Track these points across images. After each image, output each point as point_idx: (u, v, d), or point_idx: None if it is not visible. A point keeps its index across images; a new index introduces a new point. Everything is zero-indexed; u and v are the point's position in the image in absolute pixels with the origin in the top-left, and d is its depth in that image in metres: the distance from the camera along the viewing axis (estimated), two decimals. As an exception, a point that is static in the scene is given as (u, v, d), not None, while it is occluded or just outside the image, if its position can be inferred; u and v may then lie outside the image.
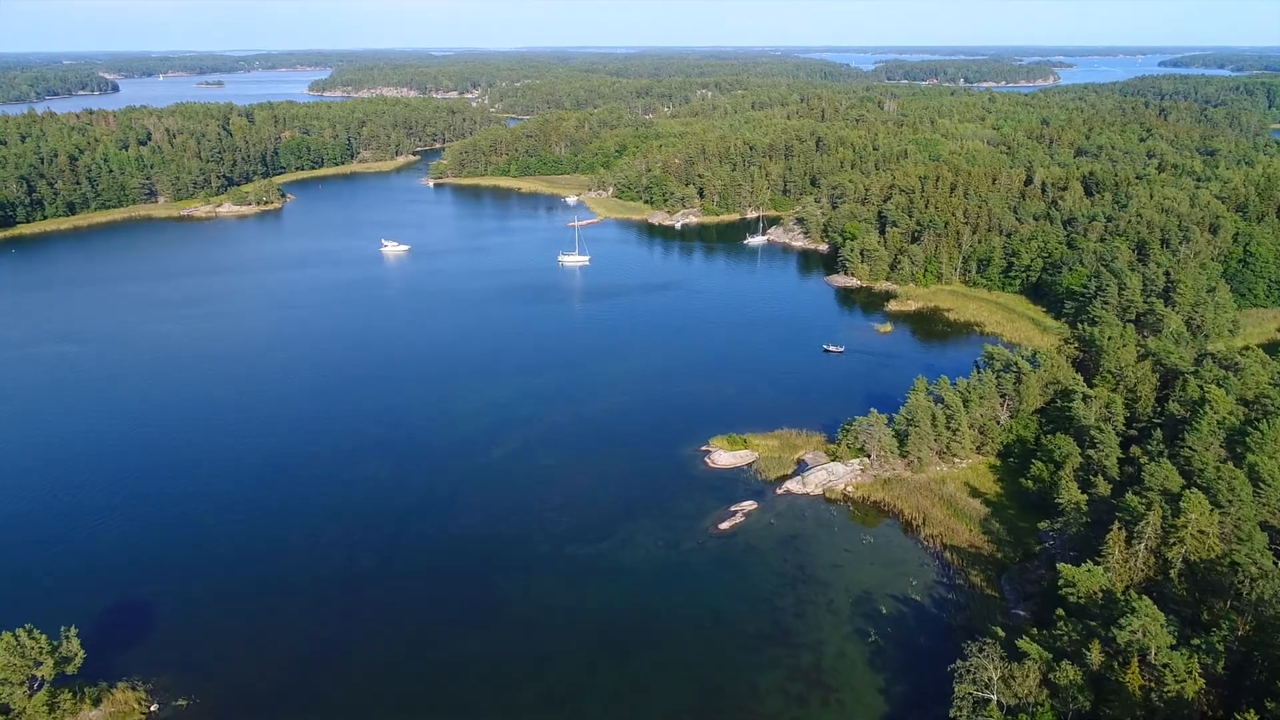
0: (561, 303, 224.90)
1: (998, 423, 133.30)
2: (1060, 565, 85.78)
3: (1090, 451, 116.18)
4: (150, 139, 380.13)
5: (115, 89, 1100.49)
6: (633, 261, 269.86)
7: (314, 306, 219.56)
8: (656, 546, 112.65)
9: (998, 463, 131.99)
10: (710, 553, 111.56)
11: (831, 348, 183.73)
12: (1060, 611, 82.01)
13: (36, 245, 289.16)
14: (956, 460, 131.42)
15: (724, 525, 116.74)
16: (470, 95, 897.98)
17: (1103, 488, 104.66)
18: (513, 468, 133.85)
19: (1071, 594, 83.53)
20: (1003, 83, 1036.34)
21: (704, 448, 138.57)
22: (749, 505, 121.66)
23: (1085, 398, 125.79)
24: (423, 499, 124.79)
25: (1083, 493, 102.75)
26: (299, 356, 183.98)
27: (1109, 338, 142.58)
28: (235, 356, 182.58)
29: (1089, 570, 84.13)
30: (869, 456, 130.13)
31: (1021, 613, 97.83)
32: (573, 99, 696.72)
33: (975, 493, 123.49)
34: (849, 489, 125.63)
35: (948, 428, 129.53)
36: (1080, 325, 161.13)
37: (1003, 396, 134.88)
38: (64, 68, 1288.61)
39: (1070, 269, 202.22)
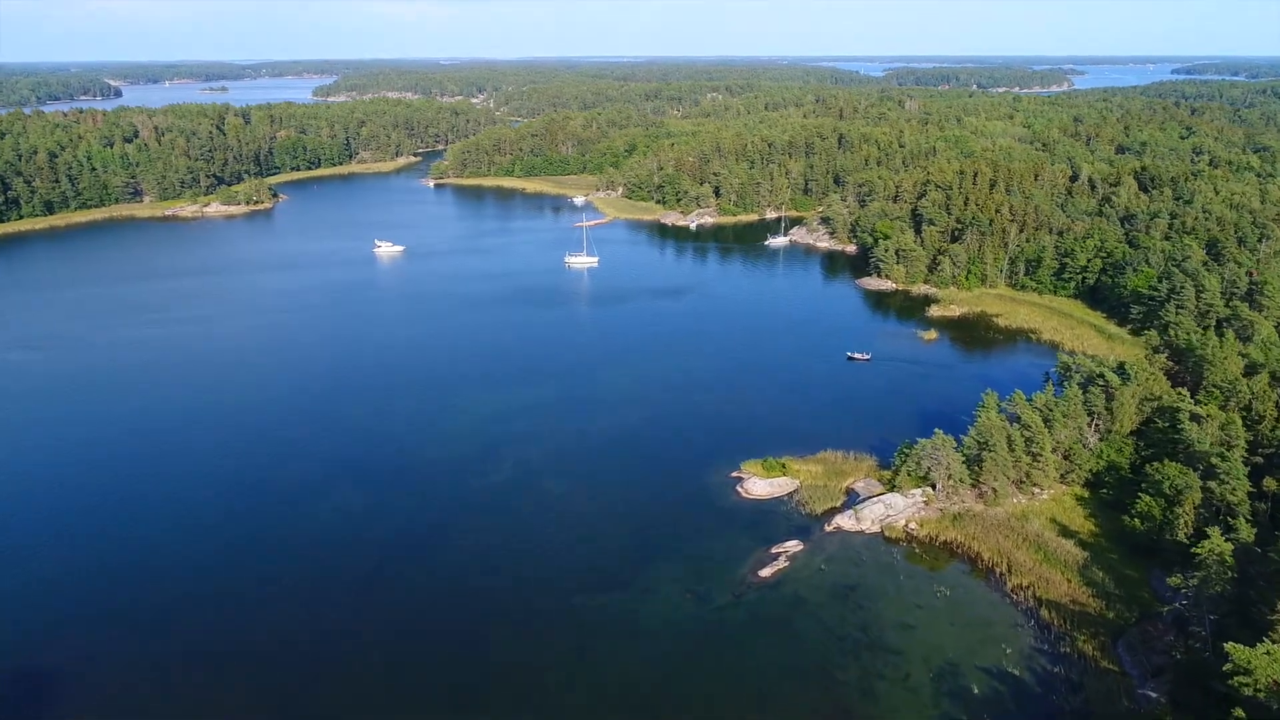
0: (568, 306, 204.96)
1: (1085, 447, 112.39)
2: (1230, 646, 64.84)
3: (1210, 484, 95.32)
4: (137, 136, 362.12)
5: (118, 94, 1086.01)
6: (645, 263, 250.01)
7: (295, 311, 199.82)
8: (684, 598, 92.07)
9: (1085, 494, 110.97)
10: (749, 607, 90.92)
11: (856, 355, 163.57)
12: (1240, 713, 61.06)
13: (9, 246, 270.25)
14: (1036, 491, 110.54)
15: (765, 571, 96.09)
16: (475, 100, 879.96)
17: (1245, 532, 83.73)
18: (511, 496, 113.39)
19: (1246, 685, 62.62)
20: (1017, 88, 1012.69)
21: (735, 474, 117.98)
22: (793, 545, 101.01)
23: (1196, 417, 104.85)
24: (403, 535, 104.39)
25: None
26: (271, 366, 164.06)
27: (1211, 346, 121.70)
28: (199, 366, 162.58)
29: (1268, 652, 63.25)
30: (933, 486, 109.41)
31: (1152, 693, 76.98)
32: (580, 102, 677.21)
33: (1065, 531, 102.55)
34: (912, 526, 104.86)
35: (1028, 452, 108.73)
36: (1171, 332, 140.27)
37: (1090, 415, 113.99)
38: (68, 74, 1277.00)
39: (1135, 270, 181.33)
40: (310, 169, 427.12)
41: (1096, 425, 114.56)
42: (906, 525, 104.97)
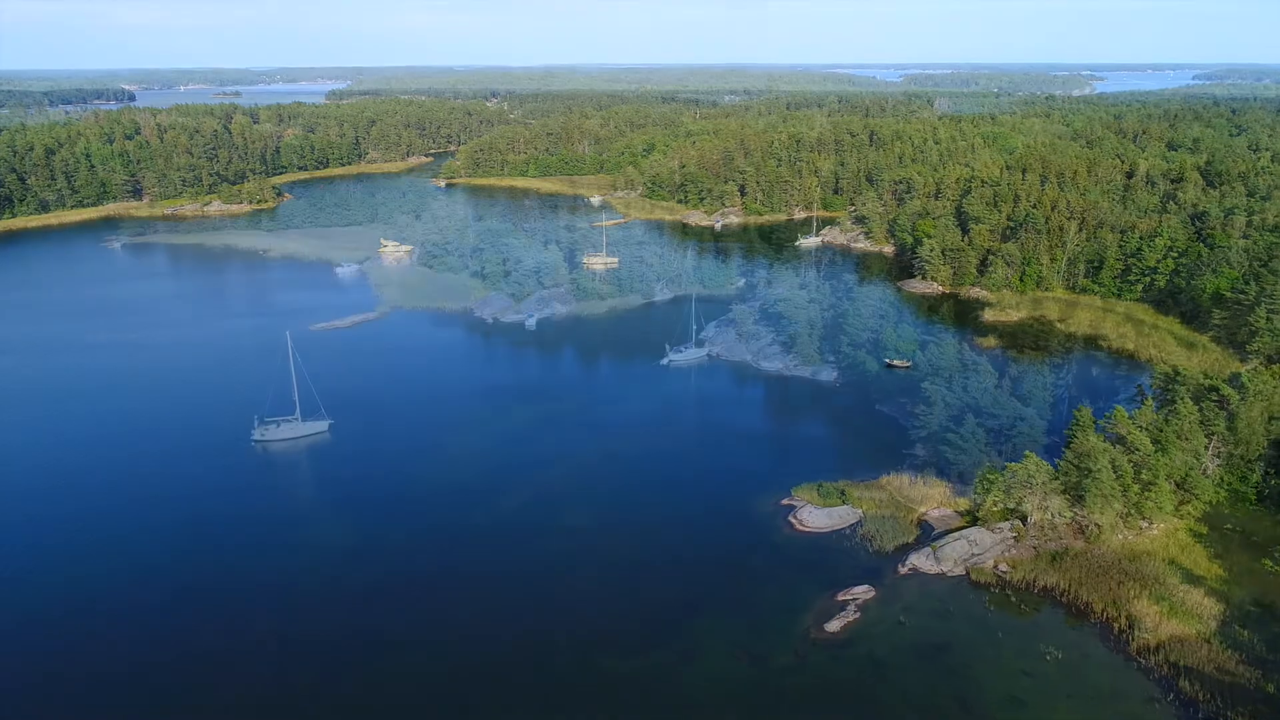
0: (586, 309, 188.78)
1: (1204, 474, 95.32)
2: None
3: (1376, 522, 78.20)
4: (139, 133, 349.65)
5: (132, 99, 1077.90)
6: (666, 265, 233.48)
7: (286, 313, 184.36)
8: (735, 659, 75.67)
9: (1204, 530, 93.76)
10: (816, 671, 74.33)
11: (895, 362, 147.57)
12: None
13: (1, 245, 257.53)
14: (1145, 525, 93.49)
15: (832, 625, 79.47)
16: (489, 103, 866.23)
17: None
18: (526, 530, 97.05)
19: None
20: (1039, 94, 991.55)
21: (785, 501, 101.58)
22: (863, 591, 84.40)
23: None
24: (393, 579, 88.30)
25: None
26: (253, 370, 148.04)
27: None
28: (169, 372, 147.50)
29: None
30: (1023, 519, 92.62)
31: (1348, 801, 59.86)
32: (595, 104, 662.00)
33: (1189, 576, 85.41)
34: (1002, 567, 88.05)
35: (1136, 480, 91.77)
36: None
37: (1209, 436, 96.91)
38: (82, 78, 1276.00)
39: (1215, 271, 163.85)
40: (319, 169, 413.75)
41: (1215, 448, 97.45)
42: (996, 566, 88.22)
